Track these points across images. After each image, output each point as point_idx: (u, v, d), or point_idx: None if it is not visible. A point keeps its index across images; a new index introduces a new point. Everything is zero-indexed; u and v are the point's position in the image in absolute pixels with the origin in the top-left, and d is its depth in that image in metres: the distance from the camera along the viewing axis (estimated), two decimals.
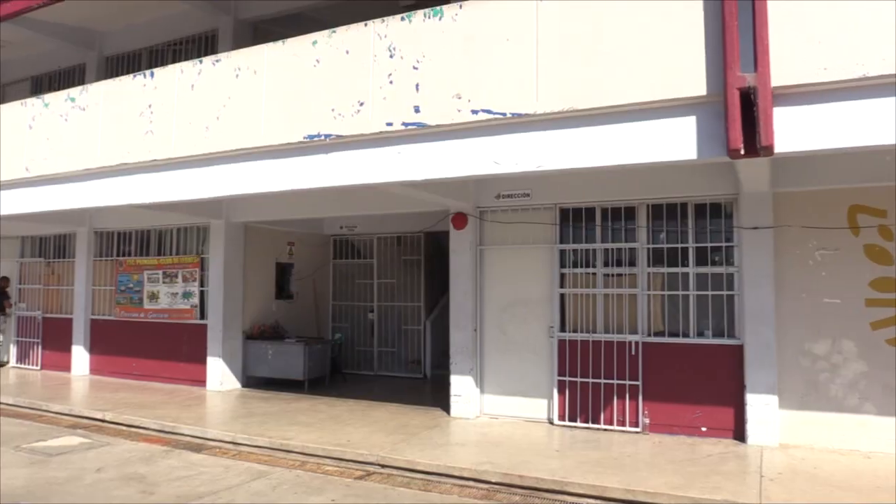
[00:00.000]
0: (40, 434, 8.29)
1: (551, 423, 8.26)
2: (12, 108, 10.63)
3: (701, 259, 7.85)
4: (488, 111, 6.21)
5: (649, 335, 7.99)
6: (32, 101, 10.24)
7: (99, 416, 9.11)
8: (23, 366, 13.83)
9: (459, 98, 6.34)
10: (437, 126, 6.45)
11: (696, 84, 5.38)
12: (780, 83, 4.96)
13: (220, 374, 10.97)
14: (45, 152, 9.80)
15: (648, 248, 8.05)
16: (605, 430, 7.95)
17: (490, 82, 6.23)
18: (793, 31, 4.98)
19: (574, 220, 8.45)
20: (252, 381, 11.33)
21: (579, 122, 5.95)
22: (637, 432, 7.80)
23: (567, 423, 8.16)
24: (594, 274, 8.32)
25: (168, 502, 5.66)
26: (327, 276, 13.37)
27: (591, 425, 8.04)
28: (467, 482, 6.30)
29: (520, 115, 6.08)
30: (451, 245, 8.98)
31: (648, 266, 8.04)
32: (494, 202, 8.76)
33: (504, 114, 6.15)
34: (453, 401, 8.74)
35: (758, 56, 5.00)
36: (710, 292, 7.74)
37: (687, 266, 7.88)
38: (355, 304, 13.15)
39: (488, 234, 8.87)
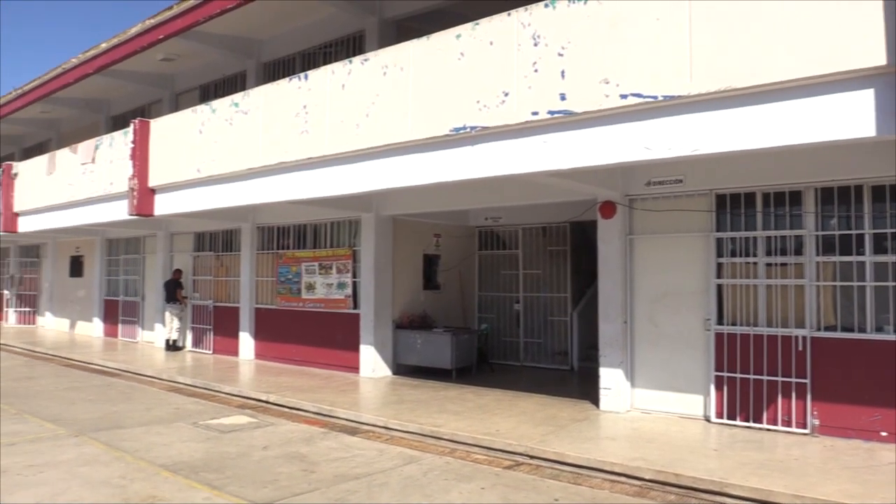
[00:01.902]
0: (214, 412, 9.04)
1: (708, 420, 7.85)
2: (185, 115, 11.64)
3: (879, 247, 7.11)
4: (638, 95, 5.98)
5: (819, 329, 7.36)
6: (201, 108, 11.16)
7: (264, 398, 9.79)
8: (197, 350, 15.15)
9: (607, 83, 6.16)
10: (584, 113, 6.31)
11: (873, 54, 4.88)
12: None
13: (372, 362, 11.42)
14: (214, 154, 10.64)
15: (817, 236, 7.41)
16: (768, 430, 7.43)
17: (639, 65, 5.99)
18: None
19: (732, 207, 7.93)
20: (402, 368, 11.70)
21: (737, 102, 5.60)
22: (804, 434, 7.22)
23: (725, 421, 7.71)
24: (755, 263, 7.78)
25: (327, 480, 5.96)
26: (473, 267, 13.52)
27: (752, 424, 7.55)
28: (619, 478, 6.13)
29: (672, 98, 5.81)
30: (598, 234, 8.76)
31: (817, 255, 7.40)
32: (644, 189, 8.43)
33: (655, 97, 5.90)
34: (602, 394, 8.54)
35: None
36: (890, 283, 6.99)
37: (863, 254, 7.16)
38: (501, 295, 13.20)
39: (638, 223, 8.55)
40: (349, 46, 12.52)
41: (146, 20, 12.84)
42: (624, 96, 6.06)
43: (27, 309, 23.25)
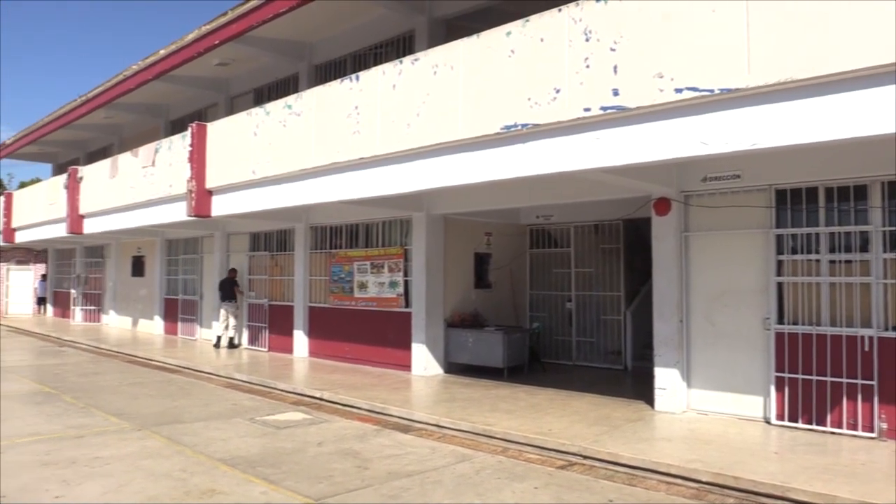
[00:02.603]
0: (269, 409, 9.22)
1: (767, 422, 7.63)
2: (240, 118, 11.90)
3: None
4: (693, 89, 5.85)
5: (886, 329, 7.06)
6: (256, 111, 11.39)
7: (318, 395, 9.94)
8: (253, 347, 15.48)
9: (661, 77, 6.04)
10: (638, 108, 6.21)
11: None
12: None
13: (423, 360, 11.47)
14: (268, 156, 10.85)
15: (884, 232, 7.11)
16: (832, 433, 7.18)
17: (694, 58, 5.87)
18: None
19: (793, 203, 7.68)
20: (453, 367, 11.72)
21: (798, 94, 5.42)
22: (871, 438, 6.95)
23: (786, 423, 7.48)
24: (817, 261, 7.52)
25: (381, 477, 6.02)
26: (524, 266, 13.45)
27: (814, 427, 7.30)
28: (675, 480, 6.01)
29: (729, 91, 5.67)
30: (653, 232, 8.60)
31: (884, 251, 7.11)
32: (700, 185, 8.23)
33: (711, 90, 5.76)
34: (657, 394, 8.39)
35: None
36: None
37: None
38: (552, 294, 13.10)
39: (694, 220, 8.36)
40: (399, 47, 12.60)
41: (202, 26, 13.19)
42: (679, 90, 5.93)
43: (92, 307, 24.16)
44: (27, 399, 9.78)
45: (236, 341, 15.77)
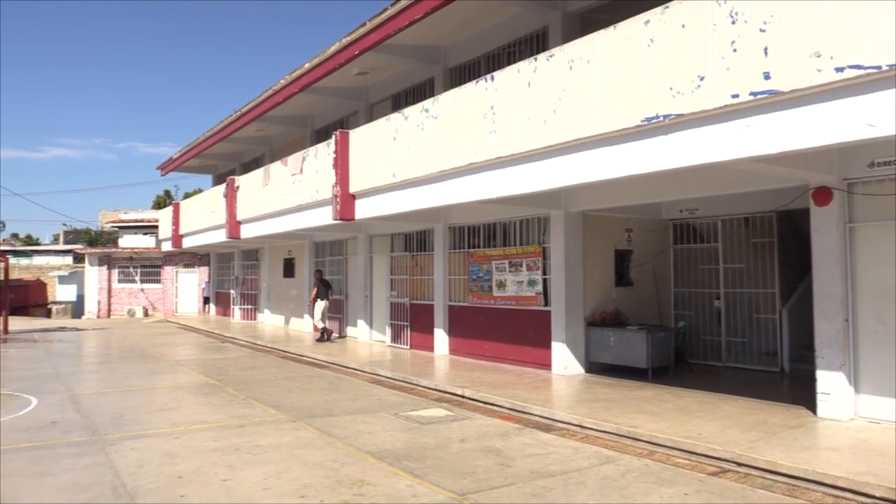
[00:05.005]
0: (413, 405, 9.47)
1: None
2: (379, 124, 12.32)
3: None
4: (857, 66, 5.37)
5: None
6: (394, 116, 11.74)
7: (459, 392, 10.09)
8: (395, 345, 15.98)
9: (818, 56, 5.59)
10: (792, 92, 5.78)
11: None
12: None
13: (563, 359, 11.33)
14: (407, 159, 11.15)
15: None
16: None
17: (856, 33, 5.38)
18: None
19: None
20: (594, 366, 11.49)
21: None
22: None
23: None
24: None
25: (524, 476, 6.01)
26: (667, 262, 12.95)
27: None
28: (842, 493, 5.53)
29: None
30: (812, 224, 7.97)
31: None
32: (866, 172, 7.53)
33: (878, 66, 5.26)
34: (820, 399, 7.77)
35: None
36: None
37: None
38: (699, 291, 12.51)
39: (860, 210, 7.66)
40: (533, 44, 12.53)
41: (342, 38, 13.77)
42: (840, 69, 5.46)
43: (249, 306, 25.98)
44: (196, 390, 10.68)
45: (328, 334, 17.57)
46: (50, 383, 11.32)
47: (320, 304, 17.40)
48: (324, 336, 17.41)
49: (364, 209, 12.85)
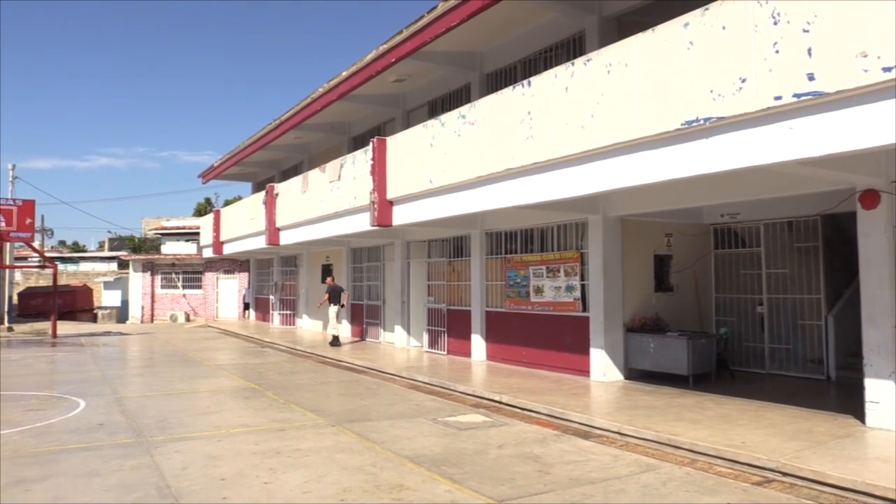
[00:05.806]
0: (450, 410, 9.47)
1: None
2: (416, 131, 12.38)
3: None
4: None
5: None
6: (431, 123, 11.79)
7: (496, 398, 10.06)
8: (433, 350, 16.00)
9: (865, 56, 5.47)
10: (838, 93, 5.66)
11: None
12: None
13: (602, 365, 11.22)
14: (444, 165, 11.18)
15: None
16: None
17: None
18: None
19: None
20: (633, 373, 11.35)
21: None
22: None
23: None
24: None
25: (563, 483, 5.96)
26: (708, 268, 12.75)
27: None
28: None
29: None
30: (859, 227, 7.78)
31: None
32: None
33: None
34: (869, 408, 7.56)
35: None
36: None
37: None
38: (741, 297, 12.29)
39: None
40: (569, 48, 12.48)
41: (379, 46, 13.90)
42: (888, 69, 5.32)
43: (287, 312, 26.29)
44: (237, 394, 10.85)
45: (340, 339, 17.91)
46: (97, 386, 11.61)
47: (333, 309, 17.88)
48: (335, 341, 17.73)
49: (401, 215, 12.92)
